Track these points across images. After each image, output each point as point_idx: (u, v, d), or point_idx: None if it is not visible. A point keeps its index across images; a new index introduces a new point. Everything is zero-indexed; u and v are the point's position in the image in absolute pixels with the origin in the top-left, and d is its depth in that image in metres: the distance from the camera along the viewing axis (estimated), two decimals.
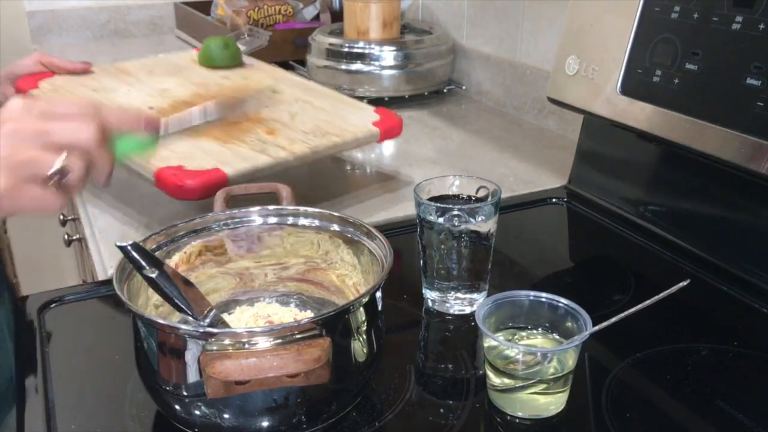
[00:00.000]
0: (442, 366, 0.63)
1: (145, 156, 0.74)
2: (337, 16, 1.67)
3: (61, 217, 1.22)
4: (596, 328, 0.54)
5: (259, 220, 0.65)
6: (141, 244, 0.50)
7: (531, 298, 0.58)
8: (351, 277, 0.63)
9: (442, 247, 0.66)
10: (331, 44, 1.37)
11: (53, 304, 0.71)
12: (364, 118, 0.93)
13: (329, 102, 0.97)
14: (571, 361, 0.54)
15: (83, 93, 0.97)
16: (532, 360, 0.54)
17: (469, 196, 0.70)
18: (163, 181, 0.75)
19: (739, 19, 0.68)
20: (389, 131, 0.92)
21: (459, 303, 0.69)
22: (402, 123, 0.93)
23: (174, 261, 0.61)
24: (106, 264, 0.81)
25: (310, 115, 0.92)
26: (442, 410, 0.56)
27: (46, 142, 0.50)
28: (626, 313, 0.55)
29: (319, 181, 1.02)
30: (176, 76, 1.06)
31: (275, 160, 0.81)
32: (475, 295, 0.69)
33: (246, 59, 1.15)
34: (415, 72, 1.36)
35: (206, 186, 0.74)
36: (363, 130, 0.89)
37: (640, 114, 0.79)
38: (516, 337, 0.59)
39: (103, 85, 1.01)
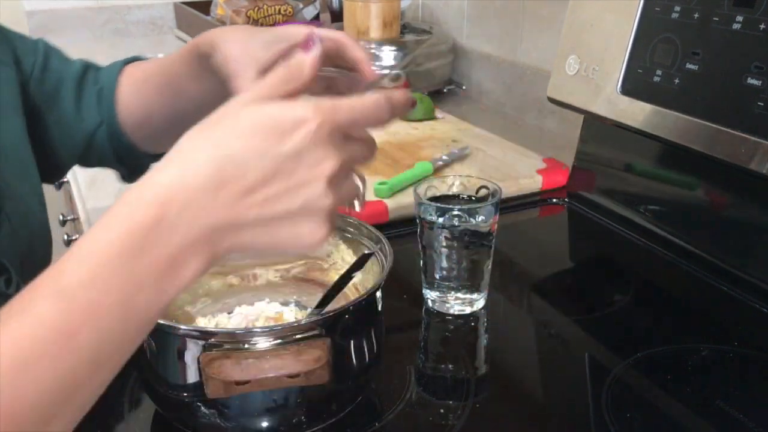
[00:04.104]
0: (442, 366, 0.63)
1: None
2: (337, 15, 1.67)
3: (61, 217, 1.22)
4: None
5: None
6: None
7: None
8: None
9: (443, 247, 0.66)
10: None
11: None
12: (530, 165, 1.00)
13: (501, 151, 1.07)
14: None
15: None
16: None
17: (470, 196, 0.69)
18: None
19: (739, 19, 0.68)
20: (553, 179, 0.98)
21: (459, 303, 0.69)
22: (568, 172, 0.98)
23: None
24: None
25: (479, 159, 1.03)
26: (442, 410, 0.56)
27: (349, 166, 0.42)
28: None
29: None
30: None
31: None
32: (475, 295, 0.69)
33: (438, 113, 1.23)
34: (415, 72, 1.36)
35: (369, 215, 0.85)
36: (525, 176, 0.97)
37: (640, 114, 0.79)
38: None
39: None
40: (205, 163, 0.37)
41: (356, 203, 0.44)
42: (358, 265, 0.55)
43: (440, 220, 0.65)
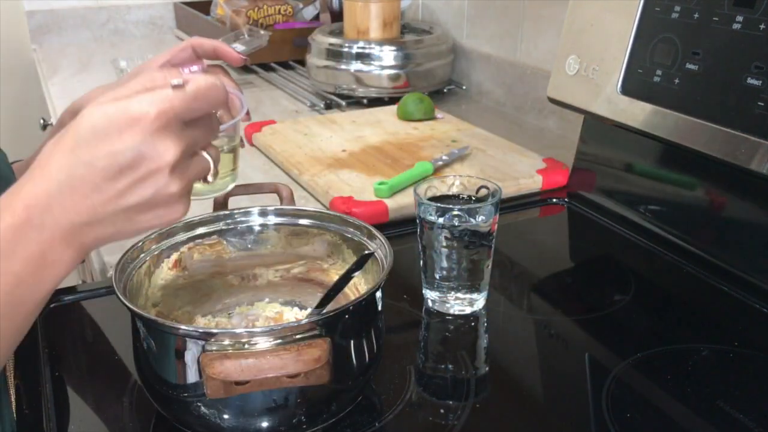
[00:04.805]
0: (442, 366, 0.63)
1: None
2: (337, 16, 1.67)
3: None
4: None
5: (259, 220, 0.65)
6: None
7: None
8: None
9: (443, 247, 0.66)
10: (331, 44, 1.37)
11: (53, 304, 0.70)
12: (530, 165, 1.00)
13: (501, 151, 1.07)
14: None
15: (294, 137, 1.12)
16: None
17: (470, 196, 0.69)
18: (335, 208, 0.87)
19: (739, 19, 0.68)
20: (553, 179, 0.97)
21: (459, 303, 0.69)
22: (568, 172, 0.98)
23: (173, 260, 0.61)
24: (105, 264, 0.81)
25: (479, 159, 1.03)
26: (442, 410, 0.56)
27: (196, 149, 0.46)
28: None
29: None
30: (374, 126, 1.19)
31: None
32: (475, 295, 0.69)
33: (438, 113, 1.23)
34: (415, 72, 1.36)
35: (369, 215, 0.85)
36: (525, 176, 0.97)
37: (640, 114, 0.79)
38: None
39: (312, 130, 1.16)
40: (57, 169, 0.42)
41: (210, 176, 0.48)
42: (358, 265, 0.55)
43: (440, 220, 0.65)
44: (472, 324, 0.68)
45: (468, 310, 0.69)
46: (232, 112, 0.58)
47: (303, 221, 0.64)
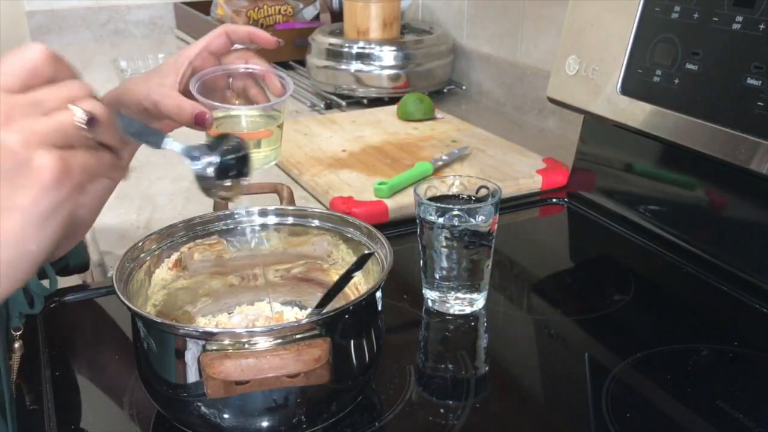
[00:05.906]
0: (442, 366, 0.63)
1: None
2: (337, 16, 1.67)
3: None
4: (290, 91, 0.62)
5: (259, 220, 0.65)
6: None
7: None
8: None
9: (443, 247, 0.66)
10: (331, 44, 1.37)
11: (53, 304, 0.70)
12: (530, 165, 1.00)
13: (501, 151, 1.07)
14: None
15: (294, 137, 1.12)
16: None
17: (469, 196, 0.69)
18: (335, 208, 0.88)
19: (739, 19, 0.68)
20: (553, 179, 0.97)
21: (459, 303, 0.69)
22: (568, 172, 0.98)
23: (173, 260, 0.61)
24: (105, 264, 0.81)
25: (479, 159, 1.04)
26: (442, 410, 0.56)
27: (45, 108, 0.39)
28: None
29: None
30: (374, 126, 1.19)
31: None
32: (475, 295, 0.69)
33: (438, 113, 1.24)
34: (415, 72, 1.36)
35: (369, 215, 0.85)
36: (525, 176, 0.97)
37: (640, 114, 0.79)
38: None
39: (312, 130, 1.16)
40: None
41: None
42: (358, 265, 0.55)
43: (440, 220, 0.65)
44: (472, 324, 0.68)
45: (468, 310, 0.69)
46: (272, 90, 0.61)
47: (303, 221, 0.64)
